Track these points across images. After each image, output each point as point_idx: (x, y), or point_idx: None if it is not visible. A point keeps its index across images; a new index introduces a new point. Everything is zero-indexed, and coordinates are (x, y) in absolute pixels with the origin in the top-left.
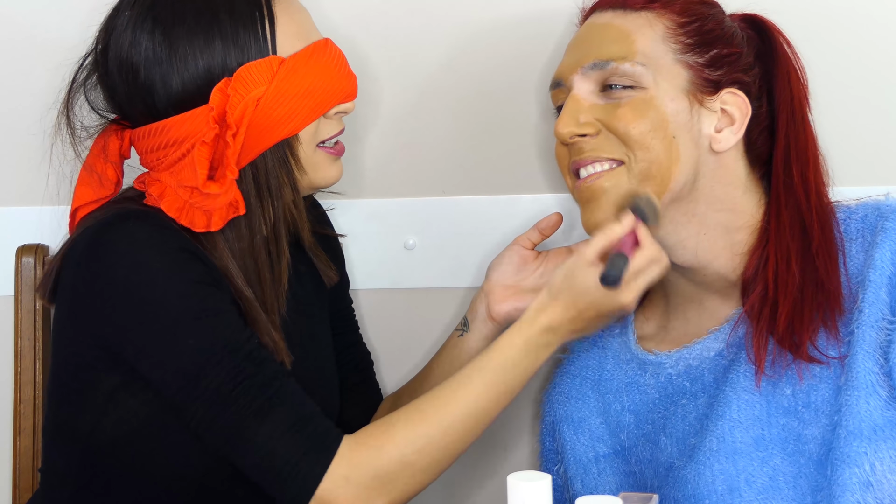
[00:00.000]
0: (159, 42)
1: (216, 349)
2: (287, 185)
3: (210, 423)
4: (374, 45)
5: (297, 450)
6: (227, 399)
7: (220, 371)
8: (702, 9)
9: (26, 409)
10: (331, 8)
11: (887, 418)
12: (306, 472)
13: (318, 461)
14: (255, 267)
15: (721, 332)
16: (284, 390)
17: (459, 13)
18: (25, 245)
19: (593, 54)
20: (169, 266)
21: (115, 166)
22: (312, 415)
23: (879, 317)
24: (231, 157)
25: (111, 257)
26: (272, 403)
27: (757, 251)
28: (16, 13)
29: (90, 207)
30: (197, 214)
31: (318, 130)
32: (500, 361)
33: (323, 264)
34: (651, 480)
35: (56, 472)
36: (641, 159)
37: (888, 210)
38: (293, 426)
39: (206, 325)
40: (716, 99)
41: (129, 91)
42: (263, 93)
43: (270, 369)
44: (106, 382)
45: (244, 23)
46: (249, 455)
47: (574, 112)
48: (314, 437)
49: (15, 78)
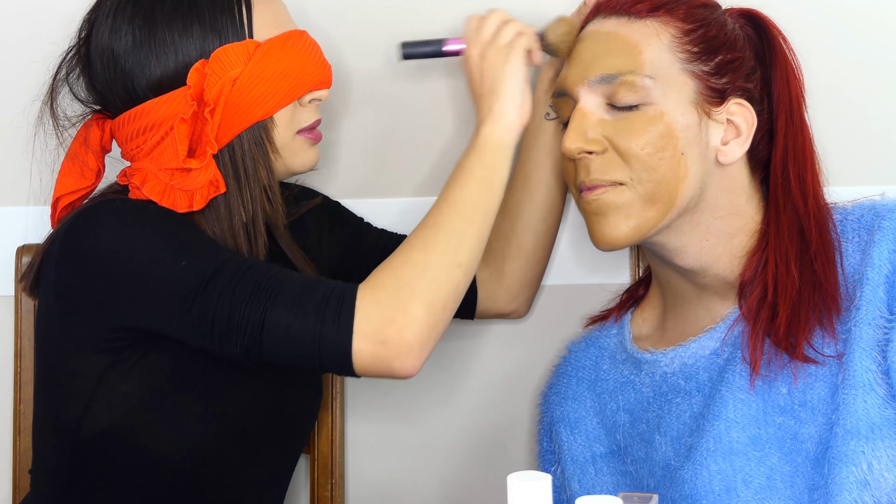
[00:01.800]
0: (139, 28)
1: (209, 263)
2: (262, 167)
3: (229, 326)
4: (373, 45)
5: (313, 322)
6: (232, 304)
7: (224, 273)
8: (705, 13)
9: (26, 409)
10: (331, 8)
11: (885, 417)
12: (332, 338)
13: (340, 324)
14: (234, 247)
15: (717, 330)
16: (281, 275)
17: (462, 12)
18: (25, 245)
19: (599, 67)
20: (151, 223)
21: (96, 156)
22: (313, 282)
23: (877, 315)
24: (210, 133)
25: (94, 231)
26: (274, 289)
27: (756, 254)
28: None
29: (72, 197)
30: (178, 195)
31: (295, 118)
32: (465, 158)
33: (298, 259)
34: (647, 480)
35: (46, 470)
36: (647, 180)
37: (884, 209)
38: (299, 300)
39: (191, 247)
40: (722, 110)
41: (109, 78)
42: (239, 74)
43: (261, 267)
44: (96, 366)
45: (222, 8)
46: (277, 345)
47: (581, 128)
48: (324, 301)
49: (5, 74)
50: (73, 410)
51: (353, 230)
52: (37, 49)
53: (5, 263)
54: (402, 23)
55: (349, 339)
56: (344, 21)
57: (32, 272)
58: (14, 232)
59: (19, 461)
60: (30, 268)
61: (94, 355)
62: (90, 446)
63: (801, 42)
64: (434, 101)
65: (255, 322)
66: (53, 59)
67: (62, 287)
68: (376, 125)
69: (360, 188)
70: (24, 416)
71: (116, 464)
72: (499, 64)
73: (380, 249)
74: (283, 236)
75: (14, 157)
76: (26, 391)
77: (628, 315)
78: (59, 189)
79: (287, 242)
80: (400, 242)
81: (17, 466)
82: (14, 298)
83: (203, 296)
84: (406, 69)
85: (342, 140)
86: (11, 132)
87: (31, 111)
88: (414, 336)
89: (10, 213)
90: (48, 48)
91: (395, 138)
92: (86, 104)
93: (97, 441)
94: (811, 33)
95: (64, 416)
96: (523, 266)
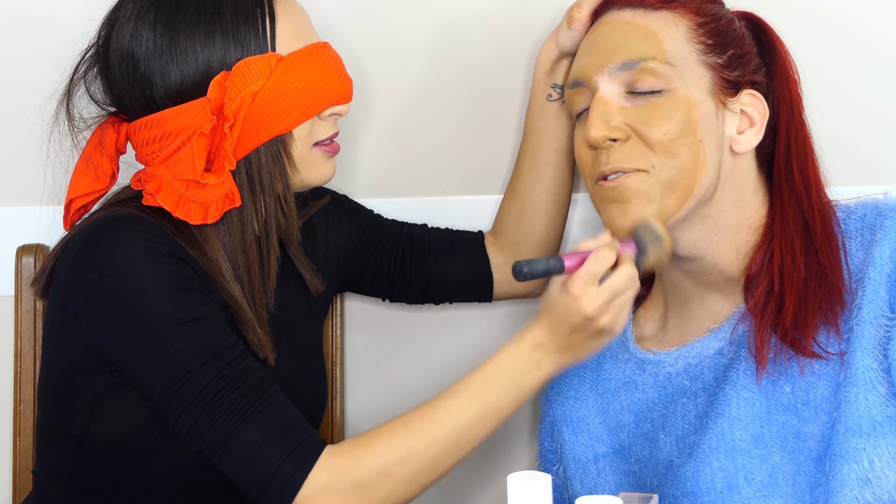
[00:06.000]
0: (160, 34)
1: (202, 354)
2: (279, 181)
3: (193, 427)
4: (373, 45)
5: (278, 456)
6: (210, 403)
7: (205, 375)
8: (715, 8)
9: (26, 409)
10: (329, 9)
11: (886, 414)
12: (286, 477)
13: (299, 468)
14: (245, 261)
15: (721, 330)
16: (268, 397)
17: (459, 12)
18: (25, 245)
19: (621, 54)
20: (160, 273)
21: (110, 159)
22: (295, 421)
23: (879, 314)
24: (228, 148)
25: (105, 265)
26: (255, 409)
27: (761, 248)
28: (20, 5)
29: (85, 199)
30: (193, 207)
31: (313, 131)
32: (486, 378)
33: (308, 273)
34: (650, 479)
35: (48, 473)
36: (668, 167)
37: (887, 209)
38: (275, 432)
39: (192, 330)
40: (736, 101)
41: (128, 82)
42: (261, 88)
43: (255, 376)
44: (95, 385)
45: (245, 19)
46: (232, 459)
47: (604, 115)
48: (296, 443)
49: (17, 75)
50: (77, 422)
51: (364, 224)
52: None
53: (5, 263)
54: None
55: (299, 486)
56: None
57: (44, 277)
58: (14, 232)
59: (19, 461)
60: (41, 272)
61: (94, 375)
62: (93, 456)
63: (802, 42)
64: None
65: (224, 433)
66: (72, 58)
67: (67, 308)
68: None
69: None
70: (24, 416)
71: (119, 474)
72: (592, 342)
73: (391, 244)
74: (296, 252)
75: (15, 157)
76: (26, 391)
77: (630, 315)
78: (73, 191)
79: (299, 257)
80: (410, 234)
81: (16, 466)
82: (14, 298)
83: (188, 385)
84: (407, 69)
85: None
86: (22, 132)
87: (45, 111)
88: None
89: (11, 213)
90: (67, 47)
91: (397, 139)
92: (101, 106)
93: (100, 452)
94: (812, 34)
95: (67, 424)
96: (537, 248)
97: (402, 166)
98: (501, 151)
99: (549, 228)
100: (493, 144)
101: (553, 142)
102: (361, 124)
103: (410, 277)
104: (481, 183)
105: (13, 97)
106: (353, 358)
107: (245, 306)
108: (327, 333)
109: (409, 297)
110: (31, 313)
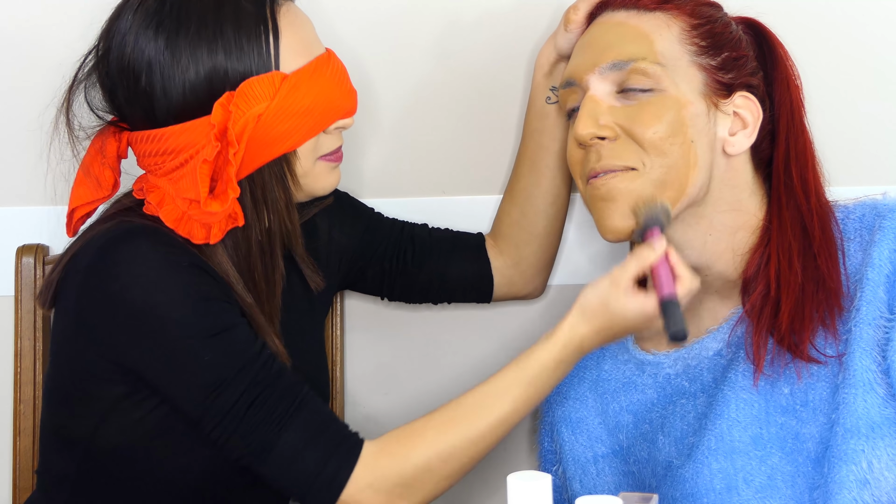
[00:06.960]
0: (162, 49)
1: (234, 363)
2: (283, 199)
3: (232, 436)
4: (375, 47)
5: (320, 457)
6: (248, 412)
7: (240, 384)
8: (710, 11)
9: (26, 409)
10: (332, 12)
11: (885, 416)
12: (330, 479)
13: (342, 468)
14: (250, 276)
15: (720, 331)
16: (302, 398)
17: (461, 15)
18: (25, 245)
19: (612, 54)
20: (183, 285)
21: (112, 170)
22: (331, 420)
23: (877, 315)
24: (232, 175)
25: (124, 278)
26: (292, 412)
27: (759, 251)
28: (17, 10)
29: (88, 208)
30: (195, 227)
31: (318, 146)
32: (530, 377)
33: (310, 270)
34: (649, 480)
35: (53, 473)
36: (659, 166)
37: (885, 209)
38: (314, 433)
39: (221, 340)
40: (729, 102)
41: (128, 95)
42: (265, 109)
43: (287, 379)
44: (110, 393)
45: (248, 35)
46: (274, 465)
47: (593, 114)
48: (335, 442)
49: (15, 77)
50: (85, 426)
51: (366, 222)
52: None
53: (5, 263)
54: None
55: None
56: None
57: (51, 290)
58: (14, 232)
59: (19, 461)
60: (47, 285)
61: (109, 384)
62: (99, 460)
63: (802, 43)
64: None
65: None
66: (70, 64)
67: (83, 319)
68: (376, 125)
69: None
70: (24, 416)
71: (125, 478)
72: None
73: (393, 244)
74: (298, 251)
75: (16, 157)
76: (26, 391)
77: None
78: (75, 200)
79: (300, 255)
80: (412, 235)
81: (16, 466)
82: (14, 298)
83: (224, 395)
84: (407, 69)
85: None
86: (23, 132)
87: (31, 110)
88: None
89: (11, 213)
90: (69, 53)
91: (397, 138)
92: (101, 114)
93: (106, 456)
94: (812, 35)
95: (74, 428)
96: (537, 251)
97: (403, 166)
98: (502, 151)
99: (549, 231)
100: (493, 145)
101: (552, 144)
102: (363, 124)
103: (412, 278)
104: (481, 183)
105: (13, 98)
106: (353, 358)
107: (258, 313)
108: (327, 333)
109: (410, 297)
110: (30, 313)
